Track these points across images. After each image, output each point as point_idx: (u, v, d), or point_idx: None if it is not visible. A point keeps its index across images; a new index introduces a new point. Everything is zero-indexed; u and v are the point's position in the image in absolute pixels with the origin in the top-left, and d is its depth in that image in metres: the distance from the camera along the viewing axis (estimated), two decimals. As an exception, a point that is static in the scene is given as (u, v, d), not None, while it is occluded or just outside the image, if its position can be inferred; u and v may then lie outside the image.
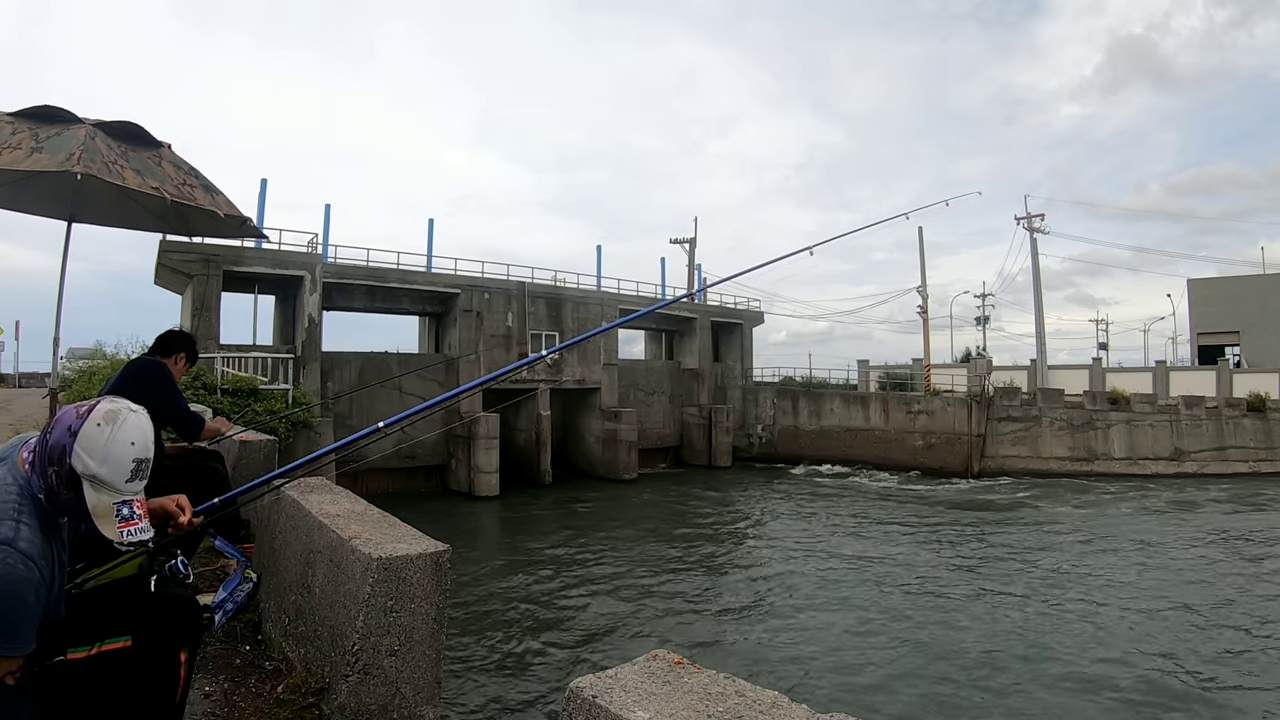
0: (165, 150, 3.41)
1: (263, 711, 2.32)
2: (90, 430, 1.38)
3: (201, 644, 2.29)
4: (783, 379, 32.51)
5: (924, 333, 32.62)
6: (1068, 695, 7.90)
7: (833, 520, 18.42)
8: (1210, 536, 16.11)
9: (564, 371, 24.67)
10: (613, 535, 16.28)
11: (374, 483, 19.90)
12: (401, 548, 2.20)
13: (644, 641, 9.39)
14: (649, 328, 31.75)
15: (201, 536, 3.44)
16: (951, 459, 26.36)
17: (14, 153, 2.65)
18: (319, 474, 3.24)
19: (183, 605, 1.76)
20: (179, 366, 3.67)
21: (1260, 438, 26.67)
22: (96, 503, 1.38)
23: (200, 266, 17.39)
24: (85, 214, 3.58)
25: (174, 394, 3.53)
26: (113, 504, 1.39)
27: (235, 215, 3.51)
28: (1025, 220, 35.53)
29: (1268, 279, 41.20)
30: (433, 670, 2.21)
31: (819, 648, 9.38)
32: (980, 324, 41.22)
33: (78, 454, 1.36)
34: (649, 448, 27.21)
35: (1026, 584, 12.39)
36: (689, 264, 35.72)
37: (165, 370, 3.51)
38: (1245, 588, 12.06)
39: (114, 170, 2.83)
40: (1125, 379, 32.13)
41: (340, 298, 21.52)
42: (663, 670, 1.35)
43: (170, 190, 3.08)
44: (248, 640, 2.93)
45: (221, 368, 16.08)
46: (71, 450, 1.36)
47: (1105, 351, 43.62)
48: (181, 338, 3.72)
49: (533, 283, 25.05)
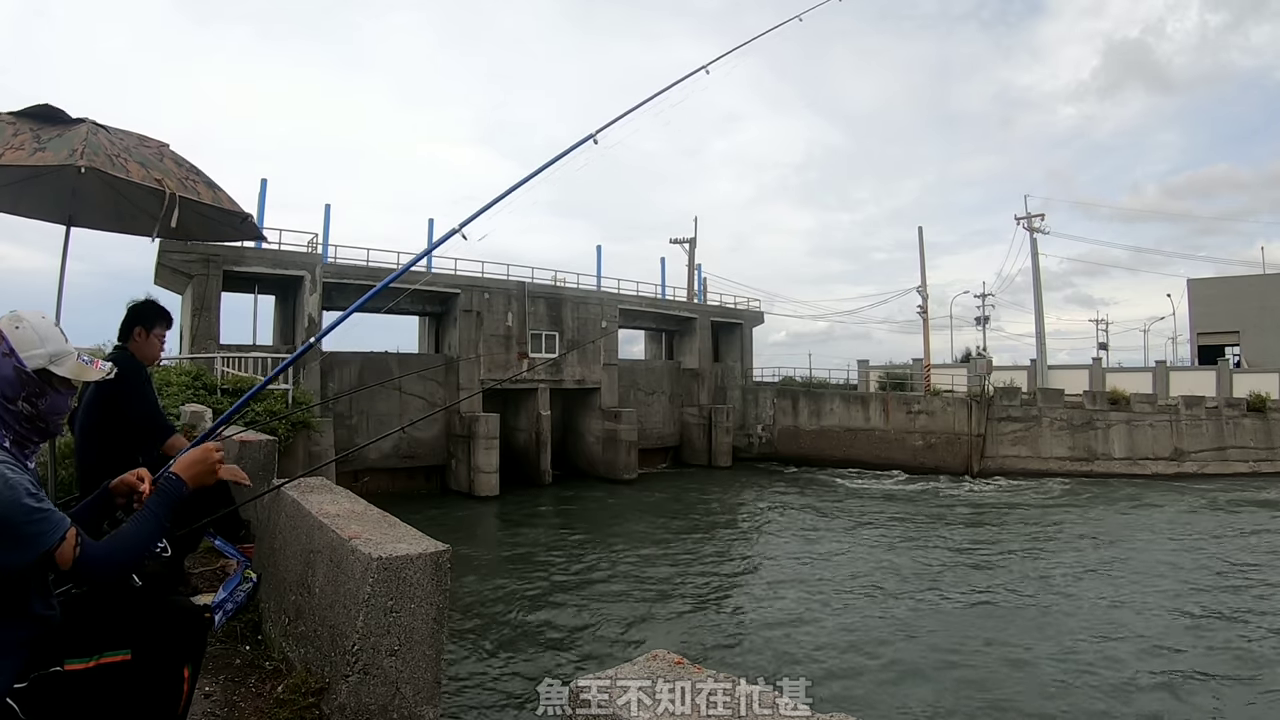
0: (165, 149, 3.41)
1: (263, 711, 2.32)
2: (15, 336, 1.47)
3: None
4: (783, 379, 32.51)
5: (924, 333, 32.67)
6: (1069, 695, 7.90)
7: (832, 520, 18.42)
8: (1211, 536, 16.12)
9: (564, 371, 24.69)
10: (613, 535, 16.28)
11: (374, 483, 19.87)
12: (401, 548, 2.20)
13: (644, 641, 9.39)
14: (649, 328, 31.78)
15: (201, 536, 3.44)
16: (951, 459, 26.37)
17: (17, 152, 2.65)
18: (319, 474, 3.24)
19: (186, 617, 1.69)
20: (145, 343, 3.25)
21: (1260, 438, 26.67)
22: (69, 370, 1.52)
23: (200, 266, 17.40)
24: (84, 217, 3.57)
25: (133, 393, 3.06)
26: (77, 358, 1.55)
27: (237, 211, 3.49)
28: (1025, 220, 35.57)
29: (1268, 279, 41.20)
30: (433, 670, 2.21)
31: (819, 647, 9.38)
32: (980, 324, 41.20)
33: (29, 356, 1.47)
34: (649, 448, 27.21)
35: (1027, 584, 12.39)
36: (689, 264, 35.74)
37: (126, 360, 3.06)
38: (1248, 588, 12.07)
39: (117, 164, 2.82)
40: (1125, 379, 32.13)
41: (340, 298, 21.51)
42: (663, 670, 1.35)
43: (173, 184, 3.07)
44: (248, 640, 2.94)
45: (221, 368, 16.08)
46: (20, 361, 1.45)
47: (1105, 351, 43.61)
48: (133, 310, 3.27)
49: (533, 283, 25.05)
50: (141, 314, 3.26)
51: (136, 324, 3.23)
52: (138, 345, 3.24)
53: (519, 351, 23.43)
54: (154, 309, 3.34)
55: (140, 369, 3.25)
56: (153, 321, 3.28)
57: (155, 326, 3.30)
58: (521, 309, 23.83)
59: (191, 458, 1.75)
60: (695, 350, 30.22)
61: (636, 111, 2.99)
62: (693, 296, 33.86)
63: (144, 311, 3.28)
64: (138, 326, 3.23)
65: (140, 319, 3.24)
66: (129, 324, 3.24)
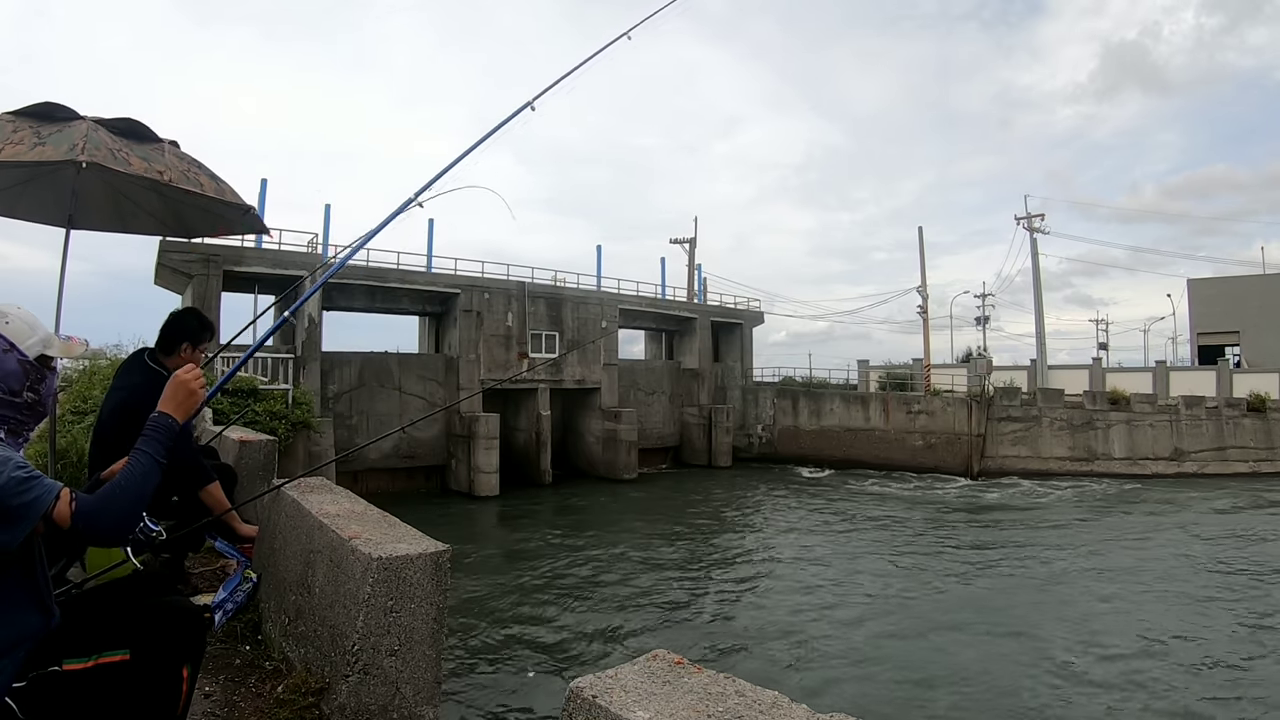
0: (167, 145, 3.40)
1: (263, 711, 2.32)
2: (10, 331, 1.52)
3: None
4: (783, 379, 32.51)
5: (924, 333, 32.67)
6: (1069, 695, 7.90)
7: (832, 520, 18.41)
8: (1211, 536, 16.10)
9: (564, 371, 24.69)
10: (613, 535, 16.27)
11: (374, 483, 19.91)
12: (401, 548, 2.20)
13: (644, 641, 9.39)
14: (649, 328, 31.78)
15: (203, 536, 3.43)
16: (951, 459, 26.37)
17: (16, 147, 2.64)
18: (319, 474, 3.23)
19: (185, 617, 1.68)
20: (189, 359, 2.90)
21: (1260, 438, 26.66)
22: (58, 350, 1.61)
23: (200, 266, 17.39)
24: (84, 219, 3.55)
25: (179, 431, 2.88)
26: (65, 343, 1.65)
27: (239, 203, 3.46)
28: (1025, 220, 35.56)
29: (1268, 279, 41.20)
30: (433, 670, 2.21)
31: (819, 647, 9.38)
32: (980, 324, 41.21)
33: (27, 347, 1.53)
34: (649, 448, 27.20)
35: (1027, 584, 12.39)
36: (689, 264, 35.74)
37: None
38: (1251, 586, 12.06)
39: (119, 158, 2.81)
40: (1125, 379, 32.13)
41: (340, 298, 21.53)
42: (663, 670, 1.35)
43: (175, 177, 3.05)
44: (248, 640, 2.93)
45: (222, 368, 16.07)
46: (21, 353, 1.51)
47: (1105, 351, 43.61)
48: (179, 323, 2.95)
49: (533, 283, 25.05)
50: (188, 328, 2.96)
51: (183, 339, 2.93)
52: (180, 362, 2.86)
53: (519, 351, 23.42)
54: (201, 321, 3.04)
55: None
56: (200, 337, 2.99)
57: (202, 341, 3.00)
58: (521, 309, 23.83)
59: (171, 389, 1.67)
60: (695, 350, 30.22)
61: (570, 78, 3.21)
62: (693, 296, 33.85)
63: (191, 326, 2.98)
64: (185, 342, 2.93)
65: (187, 334, 2.94)
66: (174, 338, 2.94)
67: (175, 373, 1.70)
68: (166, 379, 3.01)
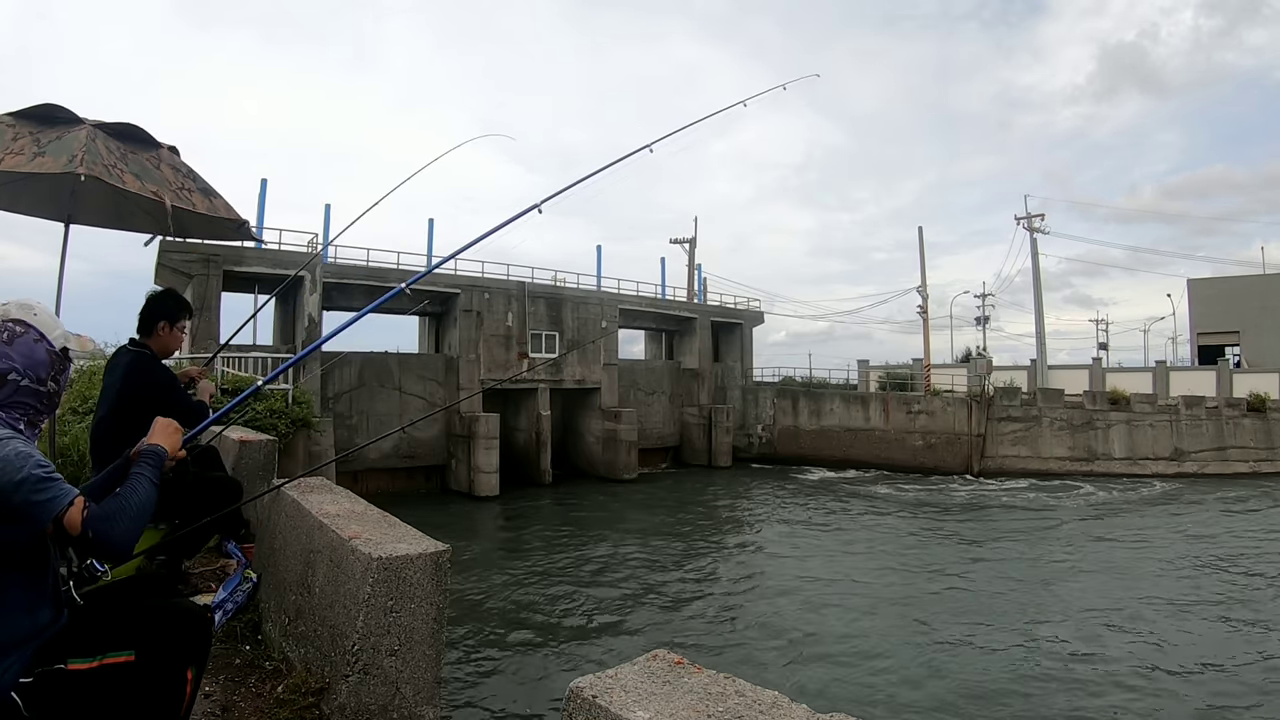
0: (164, 152, 3.40)
1: (263, 711, 2.32)
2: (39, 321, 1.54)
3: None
4: (783, 379, 32.50)
5: (924, 333, 32.66)
6: (1069, 695, 7.89)
7: (832, 520, 18.41)
8: (1211, 536, 16.11)
9: (564, 371, 24.68)
10: (613, 535, 16.27)
11: (374, 483, 19.91)
12: (401, 548, 2.20)
13: (644, 641, 9.39)
14: (649, 328, 31.77)
15: (205, 537, 3.43)
16: (951, 459, 26.37)
17: (16, 157, 2.65)
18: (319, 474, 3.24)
19: (190, 618, 1.69)
20: (168, 337, 3.07)
21: (1260, 438, 26.66)
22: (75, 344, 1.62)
23: (200, 266, 17.40)
24: (83, 216, 3.57)
25: (171, 389, 2.96)
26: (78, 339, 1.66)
27: (233, 219, 3.49)
28: (1025, 220, 35.55)
29: (1268, 279, 41.20)
30: (433, 670, 2.21)
31: (819, 648, 9.38)
32: (980, 324, 41.22)
33: (55, 338, 1.56)
34: (649, 448, 27.20)
35: (1027, 584, 12.39)
36: (689, 264, 35.75)
37: (149, 362, 2.97)
38: (1253, 585, 12.06)
39: (114, 174, 2.82)
40: (1125, 379, 32.12)
41: (340, 298, 21.52)
42: (663, 670, 1.36)
43: (169, 195, 3.07)
44: (248, 640, 2.93)
45: (221, 368, 16.07)
46: (50, 343, 1.54)
47: (1105, 351, 43.61)
48: (155, 303, 3.06)
49: (533, 283, 25.05)
50: (165, 307, 3.06)
51: (160, 318, 3.03)
52: (160, 340, 3.04)
53: (519, 351, 23.42)
54: (177, 301, 3.14)
55: (173, 379, 3.07)
56: (176, 314, 3.08)
57: (179, 319, 3.10)
58: (521, 309, 23.83)
59: (159, 427, 1.74)
60: (695, 350, 30.21)
61: (688, 130, 3.19)
62: (693, 296, 33.85)
63: (167, 304, 3.08)
64: (161, 321, 3.03)
65: (164, 312, 3.04)
66: (151, 318, 3.03)
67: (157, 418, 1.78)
68: (150, 356, 3.03)
